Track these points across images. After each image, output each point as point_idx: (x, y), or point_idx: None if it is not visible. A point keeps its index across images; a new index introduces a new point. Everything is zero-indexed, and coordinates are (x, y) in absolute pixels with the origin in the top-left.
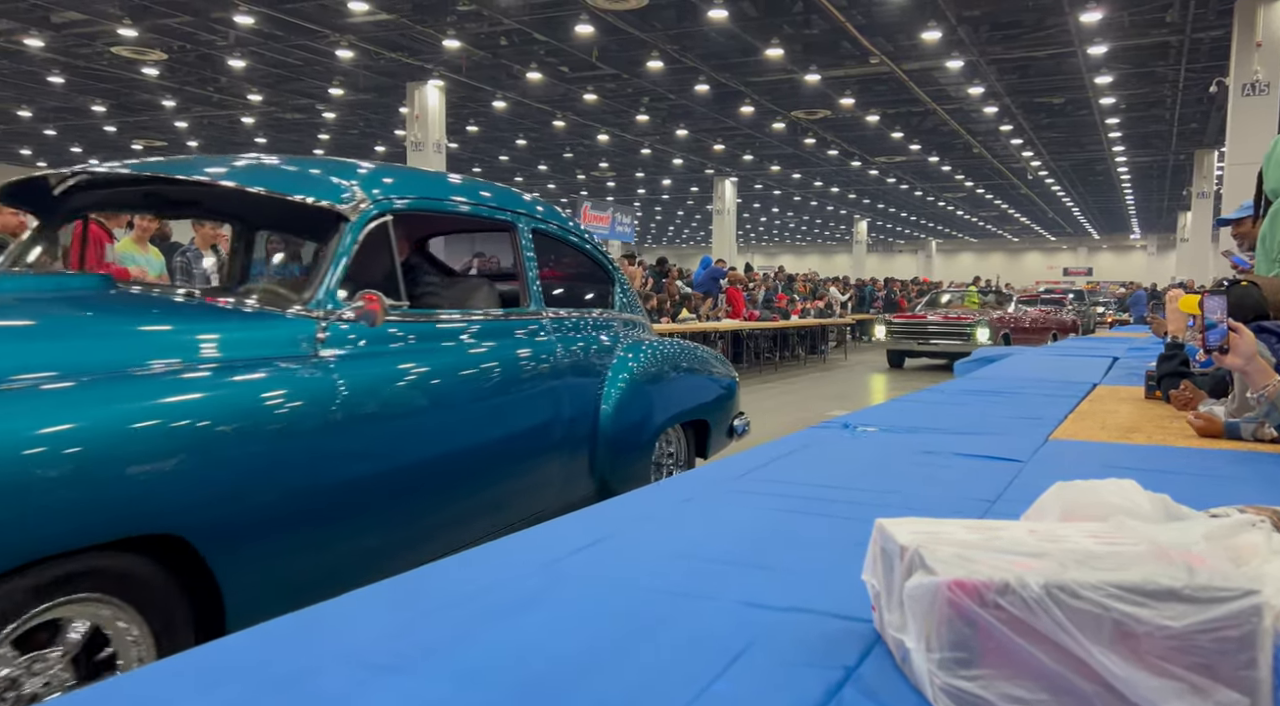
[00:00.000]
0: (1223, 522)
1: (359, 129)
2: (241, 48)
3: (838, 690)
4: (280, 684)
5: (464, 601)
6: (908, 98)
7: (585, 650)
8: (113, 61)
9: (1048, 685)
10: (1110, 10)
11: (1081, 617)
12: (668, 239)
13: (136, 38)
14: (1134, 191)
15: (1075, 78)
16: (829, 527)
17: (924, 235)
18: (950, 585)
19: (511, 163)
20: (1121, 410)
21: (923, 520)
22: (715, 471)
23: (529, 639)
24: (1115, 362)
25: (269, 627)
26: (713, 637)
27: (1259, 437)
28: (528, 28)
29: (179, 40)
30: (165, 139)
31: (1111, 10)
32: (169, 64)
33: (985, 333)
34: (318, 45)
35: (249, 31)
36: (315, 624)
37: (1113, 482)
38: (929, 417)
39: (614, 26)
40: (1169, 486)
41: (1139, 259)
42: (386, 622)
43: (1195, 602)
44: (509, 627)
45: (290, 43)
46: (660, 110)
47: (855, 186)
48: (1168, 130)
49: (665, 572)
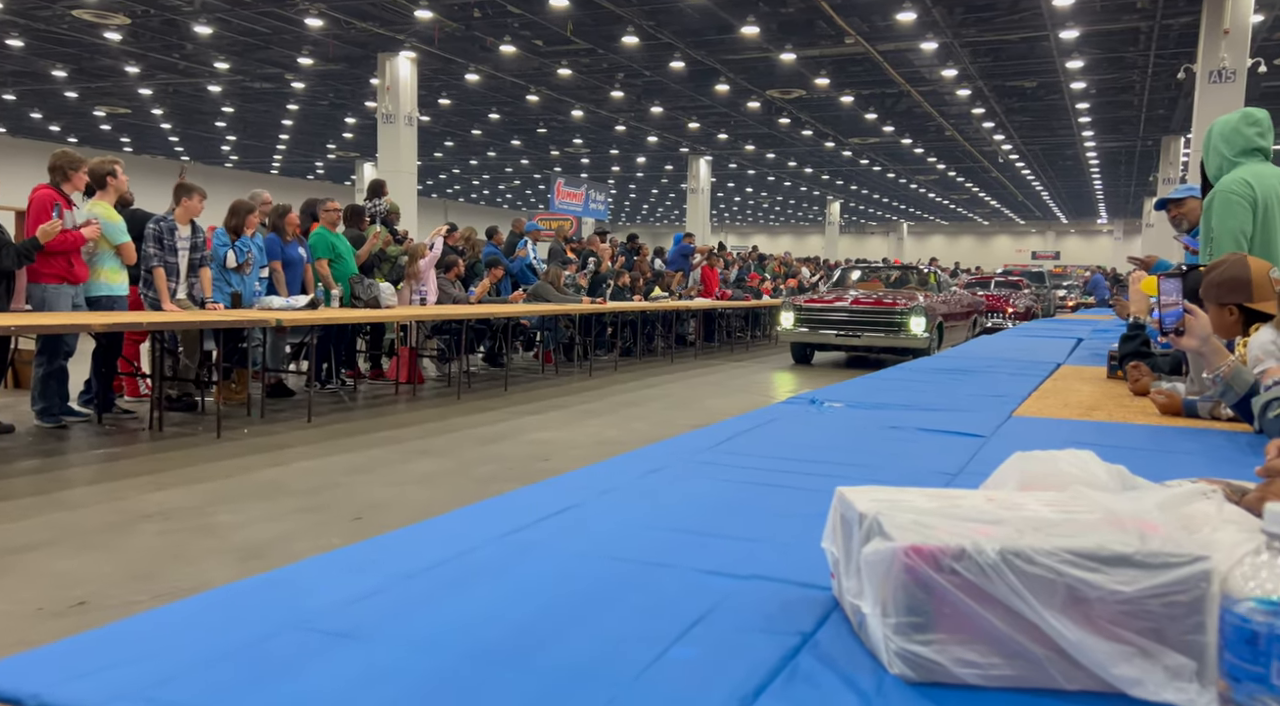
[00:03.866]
0: (1176, 492)
1: (329, 100)
2: (207, 14)
3: (794, 655)
4: (232, 650)
5: (422, 571)
6: (882, 79)
7: (543, 617)
8: (74, 25)
9: (1001, 649)
10: None
11: (1035, 583)
12: (642, 217)
13: (98, 1)
14: (1102, 176)
15: (1047, 62)
16: (792, 498)
17: (896, 217)
18: (907, 550)
19: (484, 137)
20: (1084, 389)
21: (883, 489)
22: (682, 444)
23: (486, 607)
24: (1080, 343)
25: (222, 593)
26: (672, 604)
27: (1215, 416)
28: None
29: (142, 4)
30: (129, 106)
31: None
32: (132, 29)
33: (921, 323)
34: (286, 13)
35: None
36: (269, 589)
37: (1070, 453)
38: (894, 394)
39: (589, 0)
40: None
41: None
42: (342, 590)
43: (1146, 568)
44: (467, 596)
45: (258, 9)
46: (635, 86)
47: (829, 167)
48: (1136, 116)
49: (627, 542)
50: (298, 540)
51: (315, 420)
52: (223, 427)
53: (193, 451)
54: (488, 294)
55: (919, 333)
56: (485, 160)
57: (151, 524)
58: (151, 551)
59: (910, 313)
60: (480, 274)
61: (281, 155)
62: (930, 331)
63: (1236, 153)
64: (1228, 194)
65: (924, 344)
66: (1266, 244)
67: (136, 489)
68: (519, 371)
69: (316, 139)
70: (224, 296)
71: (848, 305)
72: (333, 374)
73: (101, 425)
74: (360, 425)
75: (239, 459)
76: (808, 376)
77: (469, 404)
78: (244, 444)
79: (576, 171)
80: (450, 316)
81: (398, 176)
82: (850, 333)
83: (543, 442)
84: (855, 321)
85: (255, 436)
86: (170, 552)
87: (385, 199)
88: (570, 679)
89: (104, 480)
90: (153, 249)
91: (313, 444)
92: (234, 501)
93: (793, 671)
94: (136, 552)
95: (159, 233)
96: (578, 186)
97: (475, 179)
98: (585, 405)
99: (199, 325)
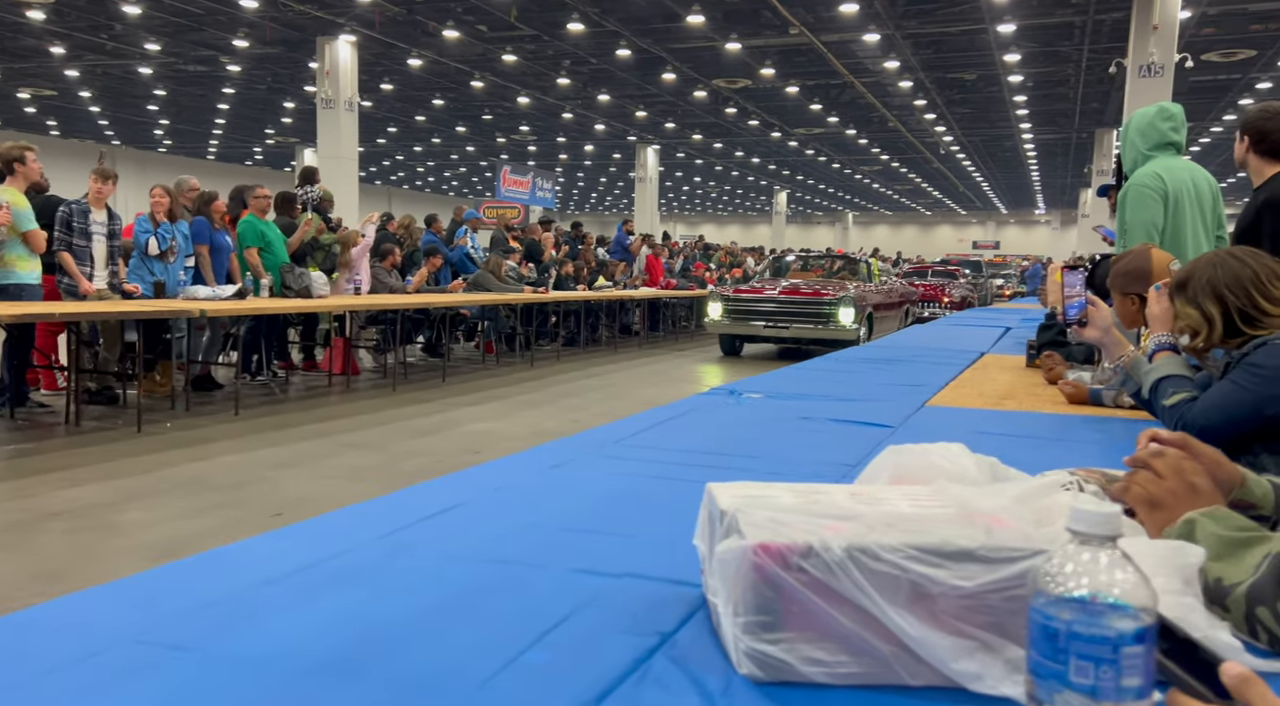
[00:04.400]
0: (1034, 484)
1: (266, 84)
2: None
3: (648, 657)
4: (58, 665)
5: (284, 576)
6: (826, 70)
7: (399, 625)
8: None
9: (847, 647)
10: None
11: (881, 579)
12: (590, 206)
13: None
14: (1039, 168)
15: (985, 54)
16: (688, 492)
17: (841, 207)
18: (755, 549)
19: (429, 123)
20: (1001, 378)
21: (751, 484)
22: (594, 437)
23: (340, 615)
24: (1007, 332)
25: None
26: (535, 606)
27: (1118, 404)
28: None
29: None
30: (55, 88)
31: None
32: (56, 8)
33: (850, 313)
34: None
35: None
36: (119, 596)
37: (942, 446)
38: (814, 384)
39: None
40: (1025, 450)
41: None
42: (195, 596)
43: (988, 563)
44: (323, 604)
45: None
46: (582, 74)
47: (775, 157)
48: (1071, 109)
49: (506, 542)
50: (214, 537)
51: (243, 413)
52: (144, 421)
53: (111, 446)
54: (426, 283)
55: (848, 323)
56: (430, 147)
57: (60, 522)
58: (58, 551)
59: (839, 303)
60: (419, 263)
61: (218, 140)
62: (860, 322)
63: (1150, 146)
64: (1140, 187)
65: (853, 335)
66: (1176, 236)
67: (47, 485)
68: (459, 362)
69: (254, 124)
70: (147, 286)
71: (775, 296)
72: (263, 365)
73: (14, 420)
74: (289, 418)
75: (159, 453)
76: (748, 366)
77: (404, 395)
78: (166, 438)
79: (523, 159)
80: (384, 306)
81: (338, 162)
82: (778, 324)
83: (477, 435)
84: (783, 312)
85: (178, 430)
86: (79, 552)
87: (319, 186)
88: (410, 691)
89: (12, 477)
90: (58, 232)
91: (238, 437)
92: (151, 497)
93: (644, 673)
94: (42, 552)
95: (68, 216)
96: (524, 174)
97: (420, 166)
98: (525, 396)
99: (117, 316)
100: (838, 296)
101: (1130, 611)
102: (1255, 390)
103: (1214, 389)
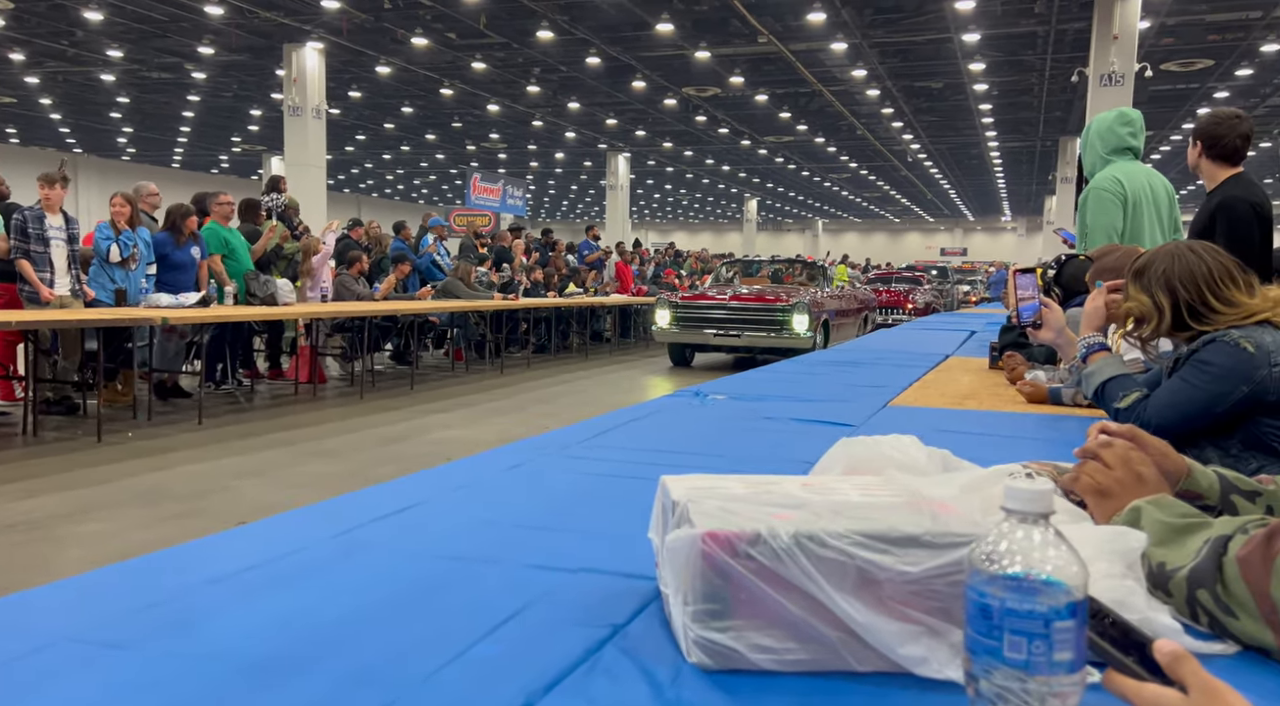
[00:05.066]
0: (980, 474)
1: (233, 92)
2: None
3: (599, 647)
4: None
5: (232, 574)
6: (795, 78)
7: (348, 621)
8: None
9: (795, 634)
10: None
11: (827, 565)
12: (561, 213)
13: None
14: (1005, 175)
15: (951, 63)
16: (645, 490)
17: (811, 215)
18: (704, 537)
19: (398, 131)
20: (964, 379)
21: (704, 476)
22: (554, 438)
23: (288, 612)
24: (972, 336)
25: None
26: (488, 601)
27: (1076, 402)
28: None
29: None
30: (14, 95)
31: None
32: (15, 13)
33: (804, 320)
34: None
35: None
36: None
37: (894, 438)
38: (779, 386)
39: None
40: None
41: (1010, 240)
42: (139, 596)
43: (933, 548)
44: (270, 601)
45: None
46: (551, 82)
47: (745, 165)
48: (1035, 117)
49: (461, 539)
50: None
51: (206, 422)
52: (105, 431)
53: (70, 456)
54: (394, 290)
55: (801, 331)
56: (399, 155)
57: (16, 533)
58: (11, 563)
59: (793, 309)
60: (387, 270)
61: (183, 148)
62: (814, 330)
63: (1109, 151)
64: (1100, 191)
65: (807, 343)
66: (1135, 239)
67: (2, 497)
68: (428, 369)
69: (220, 132)
70: (108, 293)
71: (726, 302)
72: (228, 374)
73: None
74: (254, 426)
75: (119, 463)
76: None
77: (372, 403)
78: (126, 448)
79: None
80: (350, 313)
81: (306, 170)
82: (729, 332)
83: (445, 442)
84: (735, 319)
85: (140, 440)
86: (32, 563)
87: (284, 194)
88: (353, 684)
89: None
90: (14, 240)
91: (201, 446)
92: (109, 508)
93: (594, 664)
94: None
95: (22, 223)
96: (495, 182)
97: (389, 173)
98: (493, 402)
99: (76, 324)
100: (791, 303)
101: (1062, 587)
102: (1205, 388)
103: (1164, 387)
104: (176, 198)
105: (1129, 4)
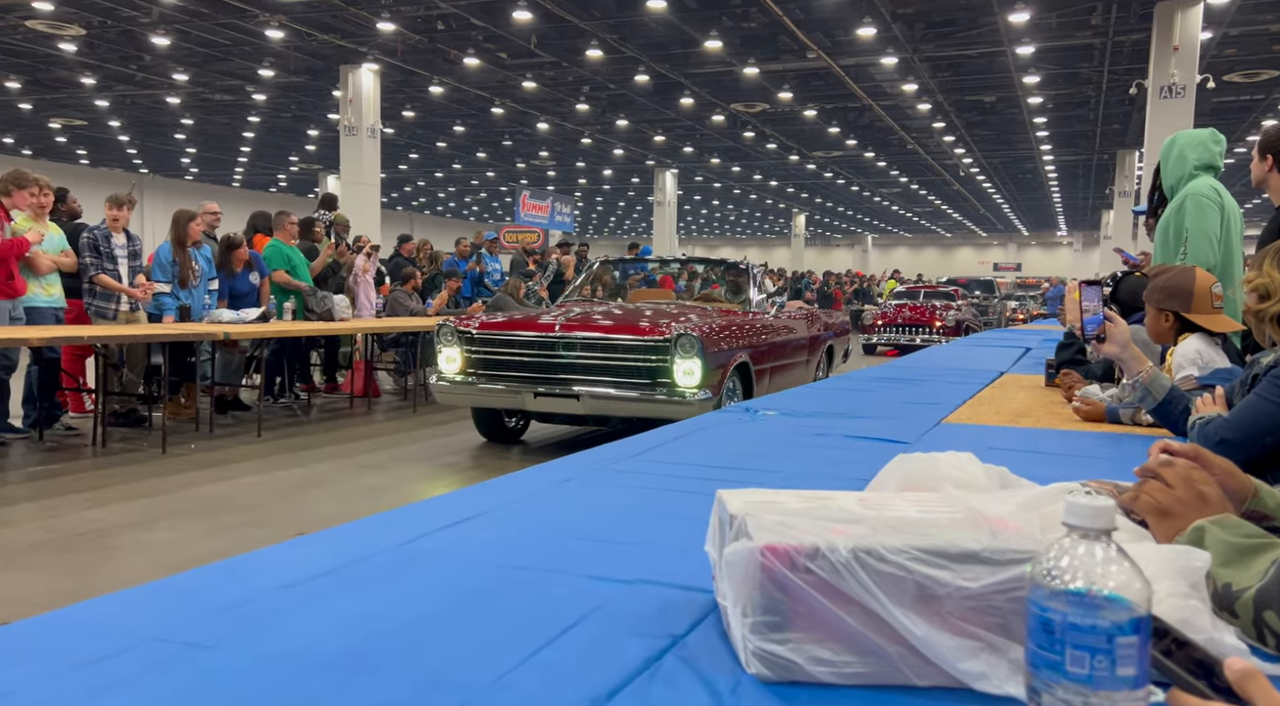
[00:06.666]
0: (1039, 491)
1: (291, 112)
2: (165, 24)
3: (659, 657)
4: (84, 662)
5: (303, 581)
6: (844, 93)
7: (415, 625)
8: (27, 36)
9: (853, 647)
10: (1038, 11)
11: (886, 580)
12: (609, 229)
13: (53, 11)
14: (1060, 189)
15: (1005, 77)
16: (699, 504)
17: (860, 230)
18: (763, 550)
19: (449, 150)
20: (1019, 396)
21: (760, 491)
22: (604, 452)
23: (358, 616)
24: (1027, 353)
25: (96, 605)
26: (550, 609)
27: (1136, 421)
28: (464, 12)
29: (98, 15)
30: (86, 118)
31: (1039, 11)
32: (88, 39)
33: (693, 368)
34: (246, 24)
35: (173, 8)
36: (146, 600)
37: (951, 455)
38: (830, 403)
39: (552, 13)
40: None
41: (1065, 255)
42: (218, 598)
43: (992, 564)
44: (340, 606)
45: (217, 21)
46: (600, 100)
47: (793, 180)
48: (1092, 130)
49: (522, 548)
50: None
51: (265, 435)
52: (169, 443)
53: (136, 468)
54: (447, 306)
55: (688, 386)
56: (450, 172)
57: (85, 542)
58: (82, 570)
59: (672, 347)
60: (440, 286)
61: (244, 168)
62: (712, 383)
63: (1199, 164)
64: (1200, 197)
65: (693, 408)
66: (1228, 248)
67: (73, 506)
68: None
69: (279, 151)
70: (172, 309)
71: (554, 333)
72: (286, 388)
73: (42, 442)
74: (311, 439)
75: (183, 474)
76: None
77: (424, 417)
78: (190, 459)
79: (543, 184)
80: (402, 328)
81: (361, 189)
82: (558, 386)
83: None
84: (569, 364)
85: (202, 452)
86: (103, 570)
87: (335, 212)
88: (426, 685)
89: (39, 498)
90: (89, 257)
91: (260, 459)
92: (174, 518)
93: (654, 672)
94: (66, 571)
95: (94, 240)
96: (544, 199)
97: (441, 191)
98: None
99: (143, 339)
100: (667, 335)
101: (1125, 603)
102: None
103: (1240, 403)
104: (237, 215)
105: (1190, 14)
